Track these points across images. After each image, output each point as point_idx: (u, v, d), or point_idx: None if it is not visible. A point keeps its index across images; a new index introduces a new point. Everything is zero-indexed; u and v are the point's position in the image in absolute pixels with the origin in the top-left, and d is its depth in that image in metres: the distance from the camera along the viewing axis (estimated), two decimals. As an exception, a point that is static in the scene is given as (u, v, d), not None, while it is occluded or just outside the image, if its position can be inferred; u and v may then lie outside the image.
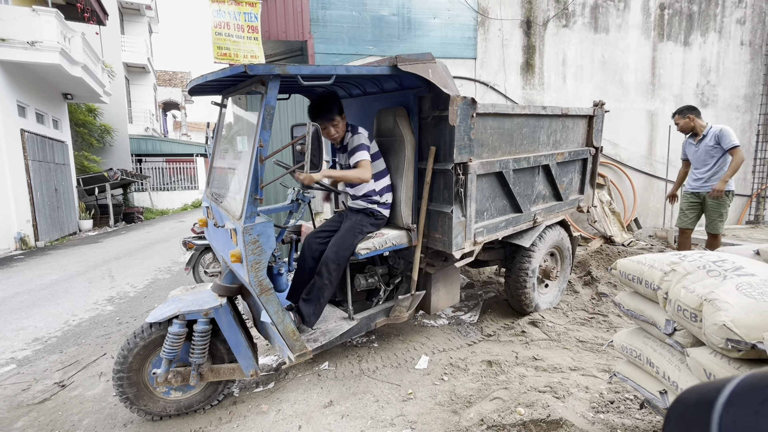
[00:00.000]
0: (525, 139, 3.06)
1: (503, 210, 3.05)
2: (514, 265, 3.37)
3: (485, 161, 2.72)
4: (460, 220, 2.64)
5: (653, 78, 6.39)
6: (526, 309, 3.46)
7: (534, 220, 3.28)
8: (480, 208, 2.83)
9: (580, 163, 3.73)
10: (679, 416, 0.40)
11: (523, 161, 3.02)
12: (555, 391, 2.29)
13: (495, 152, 2.85)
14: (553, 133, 3.32)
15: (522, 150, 3.06)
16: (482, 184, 2.79)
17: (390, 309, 2.81)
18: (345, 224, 2.54)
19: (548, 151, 3.29)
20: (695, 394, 0.39)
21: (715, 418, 0.34)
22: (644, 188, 6.57)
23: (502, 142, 2.87)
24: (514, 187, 2.99)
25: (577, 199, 3.77)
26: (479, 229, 2.83)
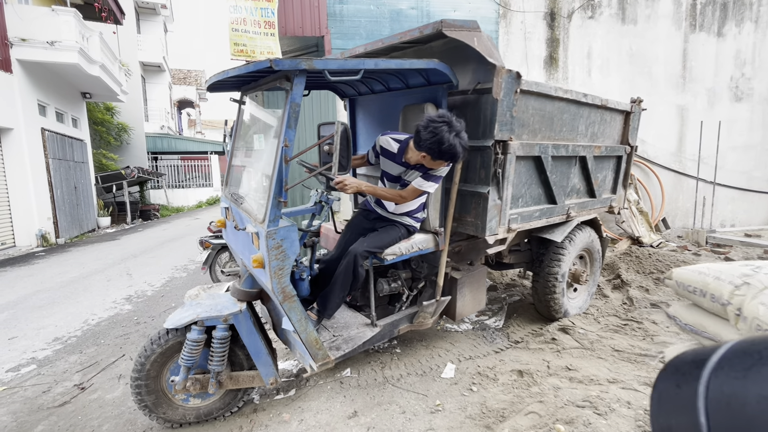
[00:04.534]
0: (564, 126, 2.92)
1: (538, 199, 2.94)
2: (543, 269, 3.21)
3: (525, 143, 2.61)
4: (496, 203, 2.53)
5: (684, 71, 6.09)
6: (554, 315, 3.30)
7: (567, 214, 3.12)
8: (516, 193, 2.72)
9: (614, 160, 3.54)
10: (675, 370, 0.40)
11: (561, 148, 2.89)
12: (595, 407, 2.13)
13: (535, 135, 2.72)
14: (592, 125, 3.14)
15: (561, 137, 2.93)
16: (520, 167, 2.67)
17: (413, 315, 2.69)
18: (379, 230, 2.42)
19: (586, 142, 3.13)
20: (691, 353, 0.40)
21: (703, 381, 0.34)
22: (673, 187, 6.28)
23: (542, 126, 2.75)
24: (551, 175, 2.87)
25: (609, 198, 3.58)
26: (514, 215, 2.73)
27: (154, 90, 20.50)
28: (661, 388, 0.41)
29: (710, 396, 0.34)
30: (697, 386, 0.35)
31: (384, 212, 2.48)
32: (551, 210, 2.98)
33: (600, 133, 3.26)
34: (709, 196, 6.19)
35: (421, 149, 2.03)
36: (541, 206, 2.93)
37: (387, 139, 2.32)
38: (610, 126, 3.36)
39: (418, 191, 2.21)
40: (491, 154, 2.41)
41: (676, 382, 0.39)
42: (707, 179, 6.19)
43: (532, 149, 2.66)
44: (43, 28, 8.11)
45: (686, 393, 0.36)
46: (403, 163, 2.28)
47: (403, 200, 2.24)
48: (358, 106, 3.31)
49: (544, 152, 2.74)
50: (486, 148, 2.43)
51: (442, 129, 1.91)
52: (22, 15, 7.97)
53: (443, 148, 1.94)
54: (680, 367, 0.41)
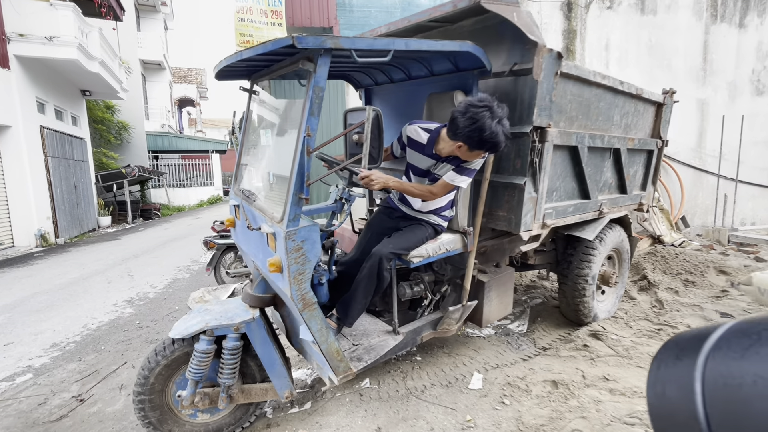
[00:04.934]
0: (600, 114, 2.74)
1: (572, 193, 2.76)
2: (571, 271, 3.00)
3: (563, 131, 2.43)
4: (531, 195, 2.35)
5: (705, 63, 5.87)
6: (583, 319, 3.10)
7: (600, 211, 2.93)
8: (551, 186, 2.55)
9: (645, 155, 3.33)
10: (675, 345, 0.41)
11: (597, 139, 2.71)
12: (647, 424, 1.93)
13: (571, 123, 2.54)
14: (626, 115, 2.94)
15: (596, 127, 2.74)
16: (556, 158, 2.49)
17: (437, 321, 2.49)
18: (404, 229, 2.22)
19: (620, 133, 2.94)
20: (694, 330, 0.40)
21: (702, 357, 0.35)
22: (692, 184, 6.07)
23: (579, 113, 2.57)
24: (586, 168, 2.69)
25: (639, 195, 3.38)
26: (548, 210, 2.55)
27: (155, 88, 20.29)
28: (661, 358, 0.41)
29: (707, 374, 0.34)
30: (696, 361, 0.35)
31: (409, 210, 2.27)
32: (584, 206, 2.79)
33: (633, 124, 3.05)
34: (730, 194, 5.98)
35: (458, 138, 1.82)
36: (574, 201, 2.74)
37: (415, 128, 2.11)
38: (643, 118, 3.16)
39: (450, 186, 2.01)
40: (528, 141, 2.21)
41: (676, 355, 0.39)
42: (728, 176, 5.98)
43: (570, 138, 2.46)
44: (41, 23, 7.90)
45: (685, 366, 0.36)
46: (434, 155, 2.07)
47: (433, 196, 2.04)
48: (375, 97, 3.10)
49: (581, 142, 2.54)
50: (523, 136, 2.23)
51: (483, 115, 1.71)
52: (19, 9, 7.77)
53: (484, 136, 1.73)
54: (681, 342, 0.41)
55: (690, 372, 0.35)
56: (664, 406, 0.37)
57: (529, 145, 2.21)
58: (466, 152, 1.88)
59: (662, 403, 0.37)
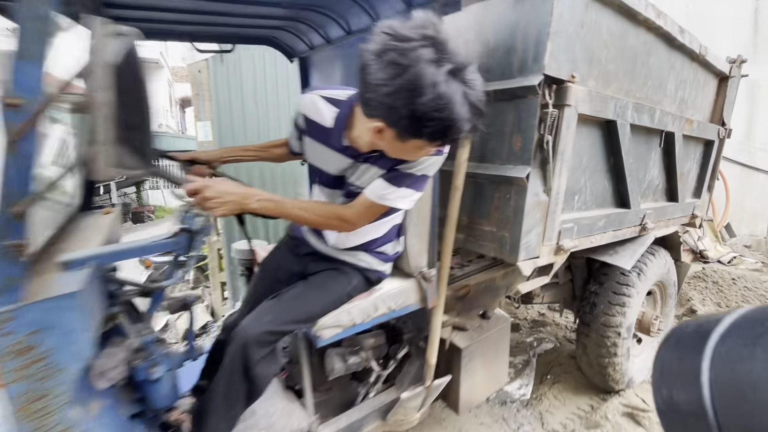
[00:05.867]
0: (650, 76, 1.74)
1: (603, 198, 1.76)
2: (596, 318, 2.06)
3: (594, 92, 1.44)
4: (540, 199, 1.40)
5: (755, 36, 4.81)
6: (613, 386, 2.15)
7: (642, 225, 1.96)
8: (573, 185, 1.57)
9: (703, 146, 2.36)
10: (676, 342, 0.38)
11: (645, 114, 1.71)
12: None
13: (608, 82, 1.55)
14: (683, 85, 1.96)
15: (644, 95, 1.74)
16: (582, 138, 1.52)
17: (389, 407, 1.59)
18: (310, 278, 1.31)
19: (675, 110, 1.96)
20: (694, 324, 0.38)
21: (709, 346, 0.33)
22: (739, 184, 5.01)
23: (620, 68, 1.58)
24: (627, 158, 1.69)
25: (692, 204, 2.40)
26: (568, 224, 1.57)
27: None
28: (663, 359, 0.39)
29: (714, 364, 0.32)
30: (701, 356, 0.33)
31: (321, 245, 1.34)
32: (621, 218, 1.81)
33: (691, 99, 2.08)
34: (786, 196, 4.91)
35: (374, 113, 0.89)
36: (607, 210, 1.77)
37: (314, 99, 1.13)
38: (703, 92, 2.19)
39: (378, 208, 1.08)
40: (535, 104, 1.29)
41: (679, 357, 0.37)
42: (784, 174, 4.91)
43: (605, 106, 1.49)
44: None
45: (689, 364, 0.34)
46: (347, 150, 1.12)
47: (350, 226, 1.11)
48: (315, 70, 2.21)
49: (622, 115, 1.57)
50: (525, 95, 1.31)
51: (418, 58, 0.76)
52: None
53: (422, 107, 0.77)
54: (684, 338, 0.38)
55: (696, 368, 0.32)
56: (672, 408, 0.35)
57: (537, 110, 1.28)
58: (393, 143, 0.91)
59: (670, 406, 0.35)
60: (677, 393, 0.34)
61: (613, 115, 1.52)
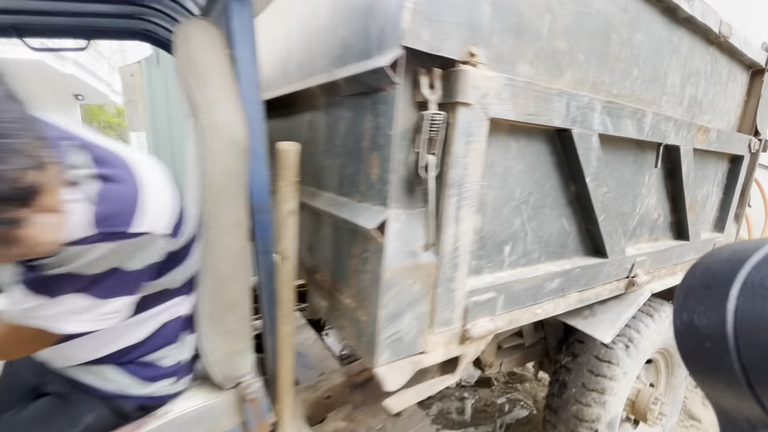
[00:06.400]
0: (636, 62, 1.14)
1: (558, 245, 1.16)
2: (566, 405, 1.49)
3: (524, 84, 0.86)
4: (417, 260, 0.83)
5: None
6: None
7: (630, 278, 1.38)
8: (496, 230, 0.99)
9: (726, 164, 1.76)
10: (705, 269, 0.35)
11: (627, 117, 1.11)
12: None
13: (558, 68, 0.96)
14: (694, 78, 1.36)
15: (626, 89, 1.15)
16: (506, 159, 0.94)
17: None
18: (38, 403, 0.79)
19: (680, 113, 1.37)
20: (728, 252, 0.34)
21: (743, 272, 0.30)
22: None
23: (579, 46, 0.98)
24: (596, 184, 1.10)
25: (711, 240, 1.78)
26: (485, 293, 0.98)
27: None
28: (688, 286, 0.36)
29: (746, 287, 0.30)
30: (734, 279, 0.31)
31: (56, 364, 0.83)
32: (592, 271, 1.23)
33: (707, 101, 1.49)
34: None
35: None
36: (565, 263, 1.18)
37: None
38: (726, 91, 1.59)
39: (25, 331, 0.62)
40: (391, 102, 0.75)
41: (705, 284, 0.34)
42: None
43: (549, 106, 0.91)
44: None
45: (717, 294, 0.32)
46: None
47: None
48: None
49: (583, 120, 1.00)
50: (378, 85, 0.78)
51: None
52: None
53: None
54: (713, 267, 0.34)
55: (723, 296, 0.30)
56: (691, 331, 0.34)
57: (395, 112, 0.74)
58: None
59: (689, 329, 0.34)
60: (699, 318, 0.33)
61: (566, 120, 0.96)
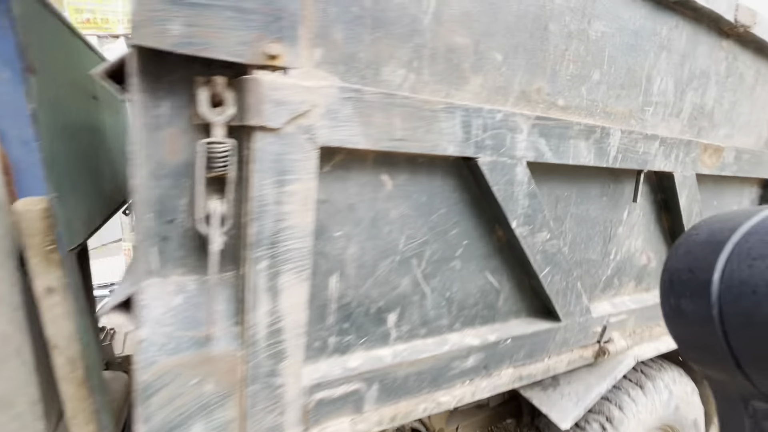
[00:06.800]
0: (597, 63, 0.81)
1: (484, 305, 0.86)
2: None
3: (380, 96, 0.60)
4: (210, 351, 0.57)
5: None
6: None
7: (601, 345, 1.05)
8: (364, 292, 0.72)
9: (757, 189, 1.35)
10: (686, 252, 0.36)
11: (575, 135, 0.79)
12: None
13: (459, 72, 0.68)
14: (698, 82, 1.01)
15: (579, 97, 0.81)
16: (373, 197, 0.68)
17: None
18: None
19: (678, 130, 1.01)
20: (706, 232, 0.35)
21: (731, 242, 0.32)
22: None
23: (494, 41, 0.69)
24: (529, 229, 0.80)
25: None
26: (346, 385, 0.71)
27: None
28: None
29: (733, 256, 0.31)
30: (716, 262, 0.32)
31: None
32: (537, 339, 0.91)
33: (721, 111, 1.12)
34: None
35: None
36: (489, 329, 0.87)
37: None
38: (752, 97, 1.19)
39: None
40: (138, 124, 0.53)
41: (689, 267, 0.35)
42: None
43: (430, 127, 0.62)
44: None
45: (701, 274, 0.33)
46: None
47: None
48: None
49: (497, 144, 0.70)
50: None
51: None
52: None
53: None
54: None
55: (706, 280, 0.32)
56: (679, 315, 0.35)
57: (142, 136, 0.52)
58: None
59: (677, 313, 0.35)
60: (685, 303, 0.34)
61: (465, 145, 0.68)
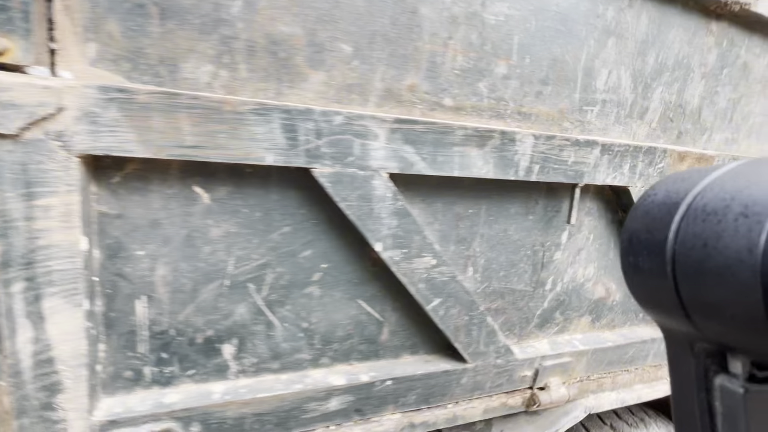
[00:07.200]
0: (504, 51, 0.69)
1: (360, 338, 0.76)
2: None
3: (160, 96, 0.55)
4: None
5: None
6: None
7: (533, 388, 0.91)
8: (187, 319, 0.64)
9: None
10: (644, 213, 0.37)
11: (460, 142, 0.70)
12: None
13: (292, 68, 0.61)
14: (672, 75, 0.83)
15: (476, 95, 0.70)
16: (186, 212, 0.59)
17: None
18: None
19: (644, 135, 0.87)
20: (663, 192, 0.36)
21: (685, 203, 0.32)
22: None
23: (338, 29, 0.62)
24: (404, 254, 0.71)
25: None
26: (158, 423, 0.64)
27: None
28: (632, 229, 0.39)
29: (689, 214, 0.32)
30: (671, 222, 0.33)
31: None
32: (433, 382, 0.76)
33: (713, 111, 0.95)
34: None
35: None
36: (367, 366, 0.75)
37: None
38: (765, 93, 0.95)
39: None
40: None
41: (647, 227, 0.36)
42: None
43: (235, 132, 0.56)
44: None
45: (657, 234, 0.35)
46: None
47: None
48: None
49: (341, 152, 0.61)
50: None
51: None
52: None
53: None
54: (651, 210, 0.37)
55: (662, 239, 0.33)
56: (637, 272, 0.36)
57: None
58: None
59: (635, 270, 0.36)
60: (642, 261, 0.35)
61: (292, 154, 0.58)
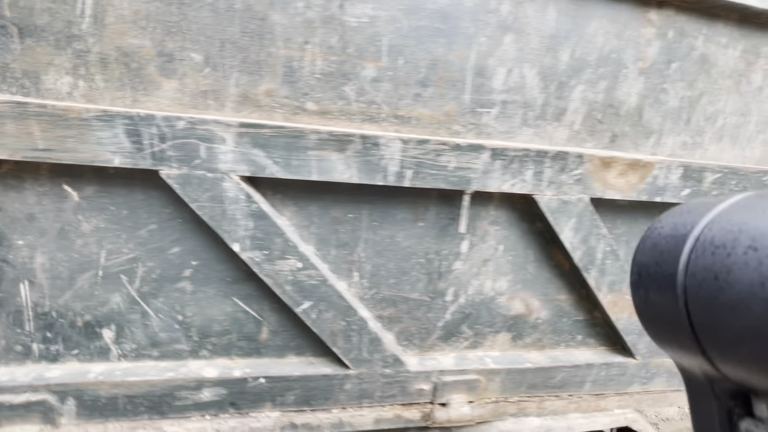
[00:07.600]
0: (373, 53, 0.70)
1: (239, 335, 0.78)
2: None
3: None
4: None
5: None
6: None
7: (433, 403, 0.88)
8: (66, 303, 0.69)
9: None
10: (652, 246, 0.37)
11: (316, 146, 0.70)
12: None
13: (144, 78, 0.67)
14: (602, 70, 0.79)
15: (344, 100, 0.72)
16: (58, 208, 0.65)
17: None
18: None
19: (562, 139, 0.86)
20: (670, 225, 0.36)
21: (693, 235, 0.32)
22: None
23: (187, 39, 0.66)
24: (265, 255, 0.73)
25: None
26: (6, 397, 0.70)
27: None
28: (641, 263, 0.38)
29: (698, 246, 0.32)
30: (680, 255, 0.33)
31: None
32: (313, 385, 0.75)
33: (663, 111, 0.90)
34: None
35: None
36: (247, 362, 0.78)
37: None
38: (739, 90, 0.87)
39: None
40: None
41: (656, 260, 0.36)
42: None
43: (83, 136, 0.62)
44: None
45: (667, 267, 0.34)
46: None
47: None
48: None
49: (187, 155, 0.66)
50: None
51: None
52: None
53: None
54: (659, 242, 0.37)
55: (672, 272, 0.33)
56: (650, 307, 0.36)
57: None
58: None
59: (648, 305, 0.36)
60: (654, 295, 0.35)
61: (139, 156, 0.62)
